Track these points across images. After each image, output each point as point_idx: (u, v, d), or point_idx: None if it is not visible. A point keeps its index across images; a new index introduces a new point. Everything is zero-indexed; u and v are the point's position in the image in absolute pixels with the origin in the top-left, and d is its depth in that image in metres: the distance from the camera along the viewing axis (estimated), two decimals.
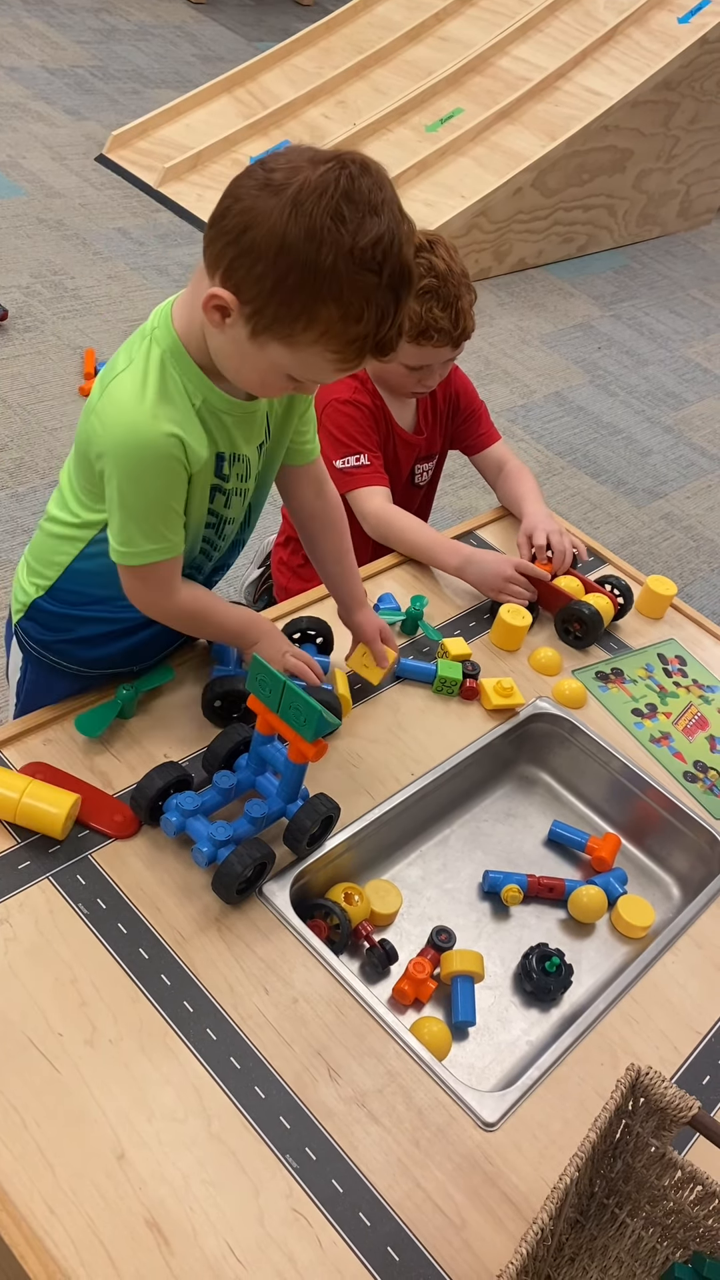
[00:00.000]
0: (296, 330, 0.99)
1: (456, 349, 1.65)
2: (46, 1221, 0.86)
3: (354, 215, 0.95)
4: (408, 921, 1.28)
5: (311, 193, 0.95)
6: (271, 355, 1.03)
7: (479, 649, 1.54)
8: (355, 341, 1.00)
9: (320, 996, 1.07)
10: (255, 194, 0.97)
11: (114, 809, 1.16)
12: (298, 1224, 0.91)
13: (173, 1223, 0.88)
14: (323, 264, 0.95)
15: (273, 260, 0.96)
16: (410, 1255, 0.91)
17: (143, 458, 1.08)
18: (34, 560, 1.28)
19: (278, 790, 1.17)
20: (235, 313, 1.00)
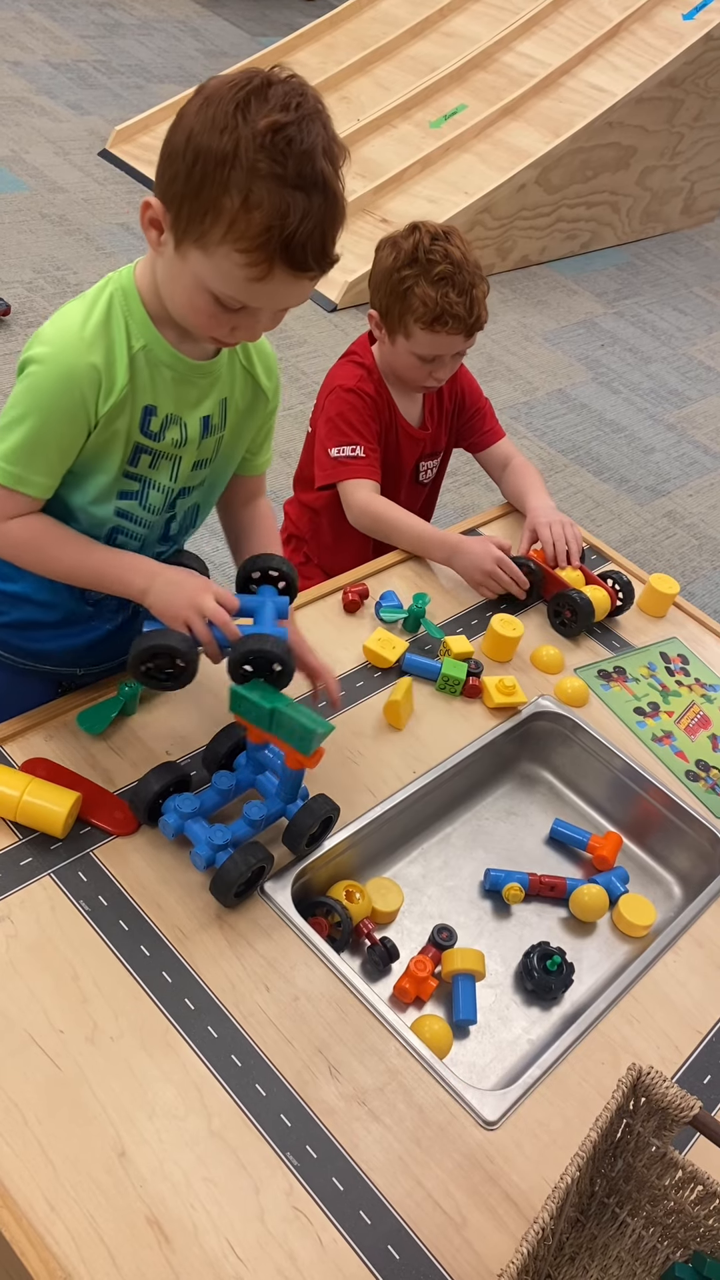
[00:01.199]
0: (206, 226, 0.97)
1: (469, 339, 1.65)
2: (47, 1218, 0.86)
3: (260, 108, 0.95)
4: (409, 919, 1.28)
5: (223, 87, 0.97)
6: (191, 265, 1.00)
7: (481, 648, 1.53)
8: (260, 235, 0.95)
9: (321, 994, 1.07)
10: (187, 102, 0.99)
11: (114, 806, 1.16)
12: (298, 1222, 0.91)
13: (173, 1220, 0.88)
14: (223, 149, 0.94)
15: (182, 155, 0.97)
16: (411, 1253, 0.91)
17: (55, 377, 1.06)
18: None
19: (276, 791, 1.17)
20: (163, 222, 1.01)
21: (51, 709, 1.25)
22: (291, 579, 1.20)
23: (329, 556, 1.83)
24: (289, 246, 0.96)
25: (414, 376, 1.69)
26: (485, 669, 1.49)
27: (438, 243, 1.59)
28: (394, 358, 1.69)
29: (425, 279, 1.58)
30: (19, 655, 1.29)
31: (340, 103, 4.25)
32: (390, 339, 1.67)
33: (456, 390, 1.83)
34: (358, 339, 1.80)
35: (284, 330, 3.39)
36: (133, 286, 1.10)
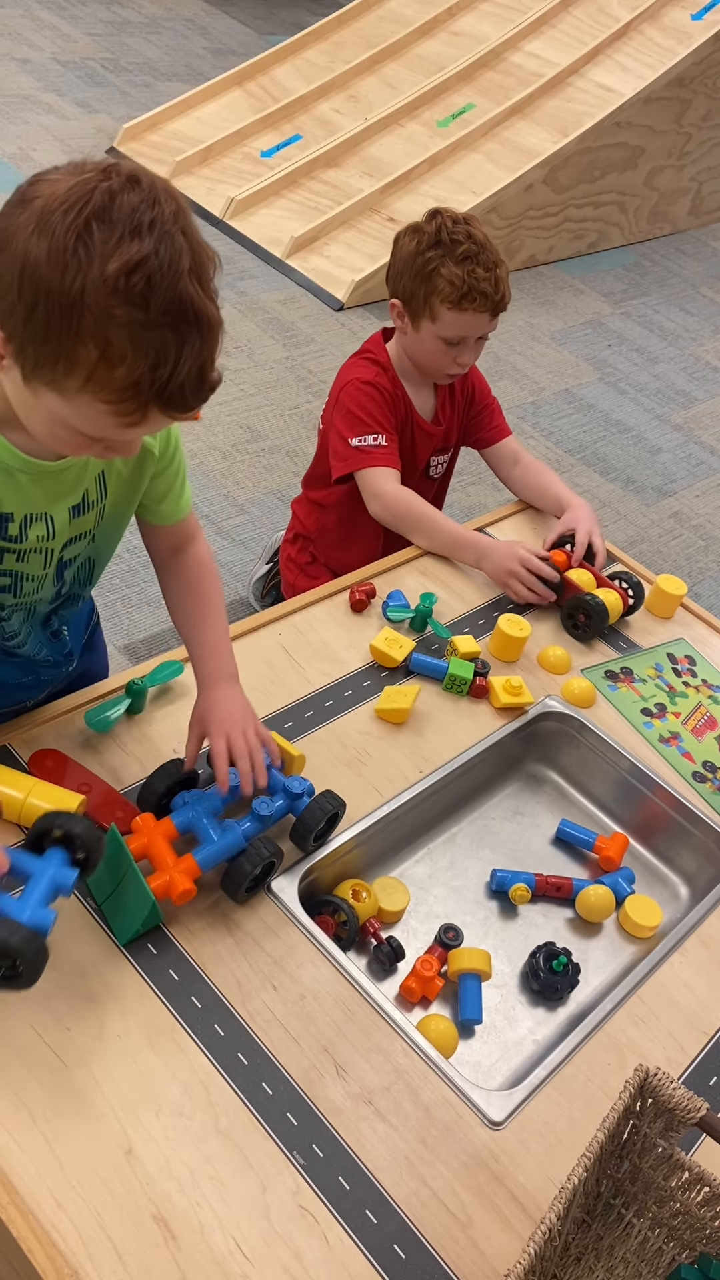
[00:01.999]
0: (59, 375, 0.83)
1: (494, 319, 1.65)
2: (54, 1215, 0.86)
3: (106, 236, 0.79)
4: (415, 919, 1.28)
5: (58, 208, 0.79)
6: (47, 403, 0.87)
7: (488, 648, 1.53)
8: (127, 389, 0.83)
9: (328, 993, 1.07)
10: (9, 211, 0.82)
11: (118, 805, 1.16)
12: (304, 1220, 0.91)
13: (179, 1218, 0.88)
14: (68, 294, 0.79)
15: (18, 288, 0.81)
16: (416, 1253, 0.91)
17: None
18: None
19: (283, 786, 1.16)
20: (6, 352, 0.85)
21: (58, 707, 1.25)
22: (92, 850, 0.97)
23: (337, 555, 1.83)
24: (164, 393, 0.84)
25: (438, 363, 1.69)
26: (492, 669, 1.49)
27: (459, 225, 1.61)
28: (417, 346, 1.69)
29: (450, 258, 1.59)
30: None
31: (348, 102, 4.25)
32: (414, 325, 1.67)
33: (468, 385, 1.83)
34: (370, 338, 1.80)
35: (290, 329, 3.39)
36: None
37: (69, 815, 0.98)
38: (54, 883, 0.96)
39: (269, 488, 2.71)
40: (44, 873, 0.95)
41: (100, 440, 0.90)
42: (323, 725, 1.33)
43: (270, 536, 2.34)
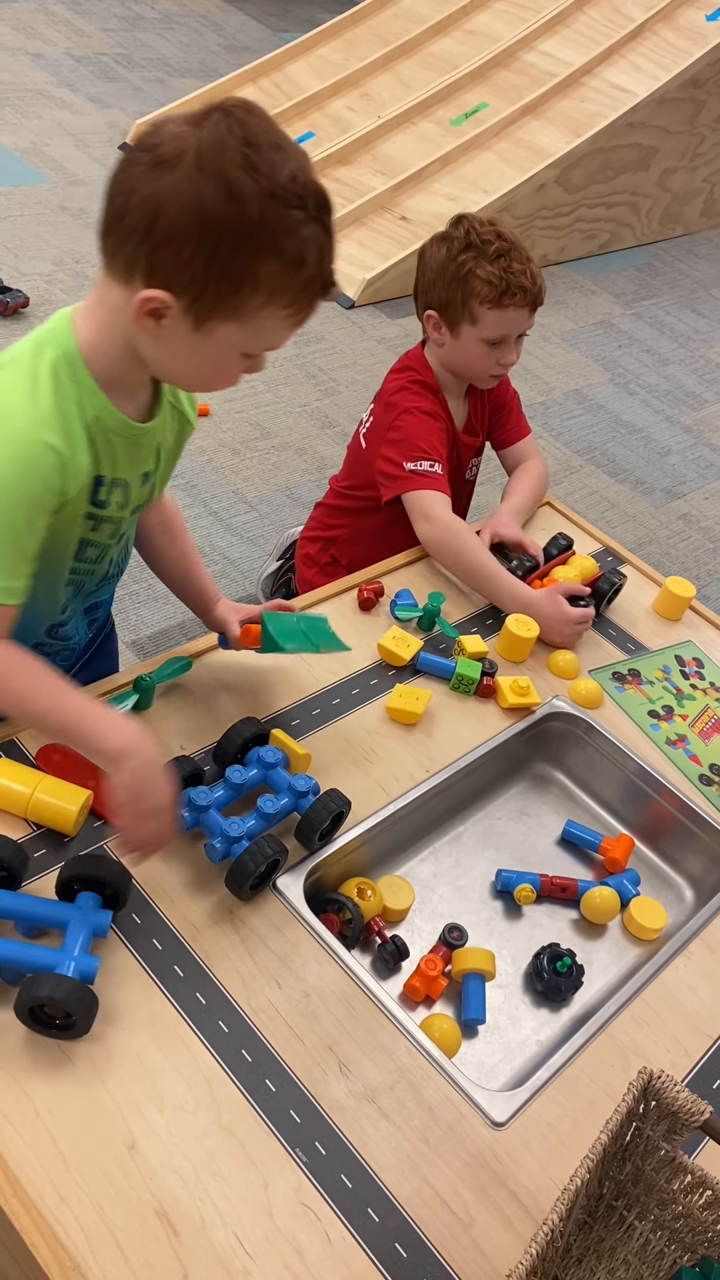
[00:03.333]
0: (243, 299, 0.93)
1: (532, 314, 1.66)
2: (57, 1209, 0.86)
3: (263, 159, 0.89)
4: (420, 918, 1.28)
5: (211, 151, 0.88)
6: (221, 338, 0.96)
7: (495, 648, 1.53)
8: (305, 287, 0.95)
9: (332, 991, 1.07)
10: (150, 178, 0.90)
11: None
12: (306, 1218, 0.91)
13: (182, 1213, 0.88)
14: (250, 218, 0.89)
15: (197, 236, 0.89)
16: (418, 1252, 0.91)
17: (13, 463, 0.96)
18: None
19: (289, 786, 1.17)
20: (173, 310, 0.93)
21: None
22: (121, 887, 1.02)
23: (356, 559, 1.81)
24: (325, 279, 0.96)
25: (481, 367, 1.70)
26: (500, 669, 1.49)
27: (487, 226, 1.62)
28: (458, 353, 1.69)
29: (484, 258, 1.60)
30: None
31: (361, 99, 4.25)
32: (454, 332, 1.67)
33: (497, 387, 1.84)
34: (407, 354, 1.78)
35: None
36: (77, 355, 1.00)
37: (89, 859, 1.03)
38: (91, 927, 0.99)
39: (278, 485, 2.71)
40: (80, 920, 0.99)
41: (259, 356, 1.01)
42: (329, 723, 1.33)
43: (280, 533, 2.34)
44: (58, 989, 0.91)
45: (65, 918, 1.00)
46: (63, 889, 1.03)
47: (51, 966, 0.95)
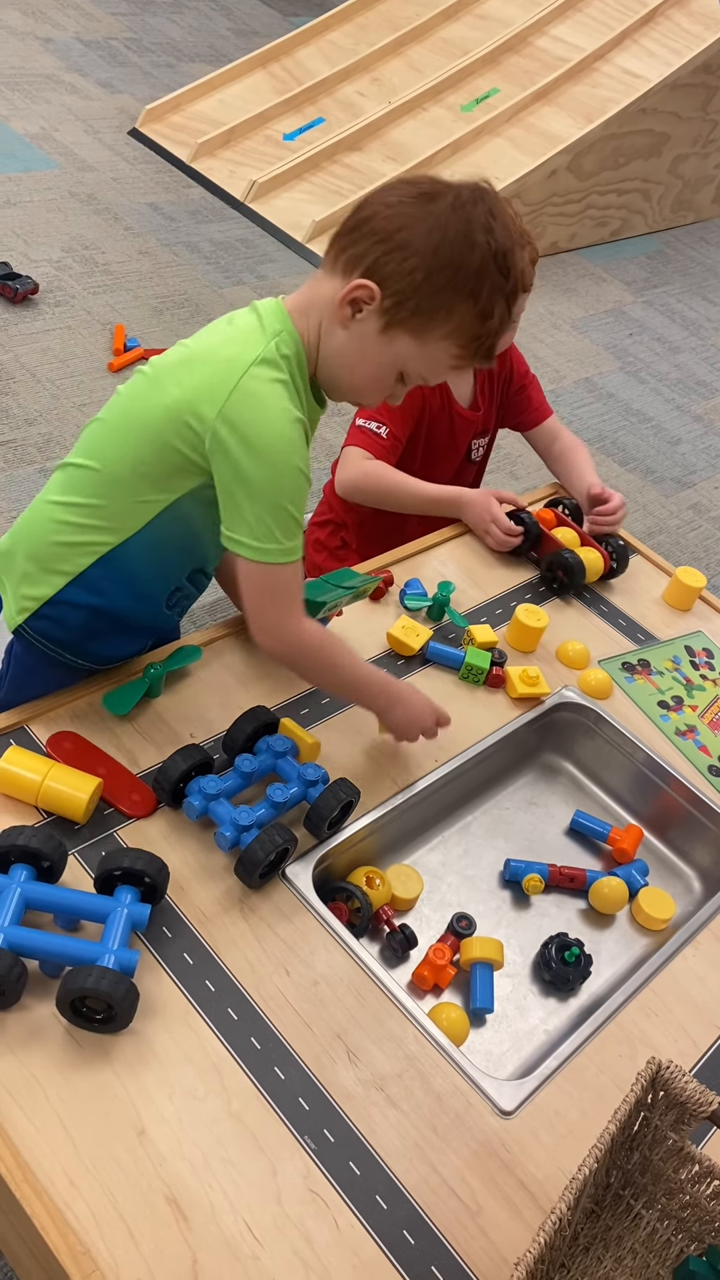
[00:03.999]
0: (434, 323, 1.07)
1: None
2: (67, 1194, 0.87)
3: (497, 228, 1.06)
4: (428, 907, 1.28)
5: (468, 201, 1.06)
6: (397, 348, 1.09)
7: (505, 638, 1.53)
8: (478, 339, 1.09)
9: (340, 979, 1.07)
10: (409, 201, 1.06)
11: (133, 788, 1.16)
12: (315, 1204, 0.91)
13: (191, 1199, 0.89)
14: (471, 264, 1.05)
15: (430, 254, 1.04)
16: (426, 1239, 0.92)
17: (291, 436, 1.07)
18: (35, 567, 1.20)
19: (298, 775, 1.17)
20: (375, 304, 1.06)
21: (77, 690, 1.25)
22: (159, 878, 1.04)
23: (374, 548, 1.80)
24: (490, 349, 1.11)
25: None
26: (509, 659, 1.49)
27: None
28: None
29: None
30: (68, 652, 1.25)
31: (372, 85, 4.22)
32: None
33: (505, 367, 1.83)
34: None
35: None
36: (303, 354, 1.12)
37: (126, 852, 1.04)
38: (131, 920, 1.00)
39: None
40: (119, 913, 1.00)
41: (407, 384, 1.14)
42: (339, 713, 1.33)
43: None
44: (101, 982, 0.92)
45: (105, 911, 1.00)
46: (102, 882, 1.04)
47: (92, 959, 0.96)
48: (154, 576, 1.22)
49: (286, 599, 1.12)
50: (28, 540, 1.21)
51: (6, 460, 2.45)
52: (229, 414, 1.05)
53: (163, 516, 1.15)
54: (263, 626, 1.13)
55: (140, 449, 1.12)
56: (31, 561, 1.20)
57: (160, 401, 1.11)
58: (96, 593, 1.19)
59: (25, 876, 1.01)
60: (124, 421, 1.15)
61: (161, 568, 1.22)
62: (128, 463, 1.14)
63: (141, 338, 2.98)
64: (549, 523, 1.68)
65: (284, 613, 1.12)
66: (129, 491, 1.14)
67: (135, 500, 1.14)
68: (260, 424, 1.06)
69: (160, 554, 1.19)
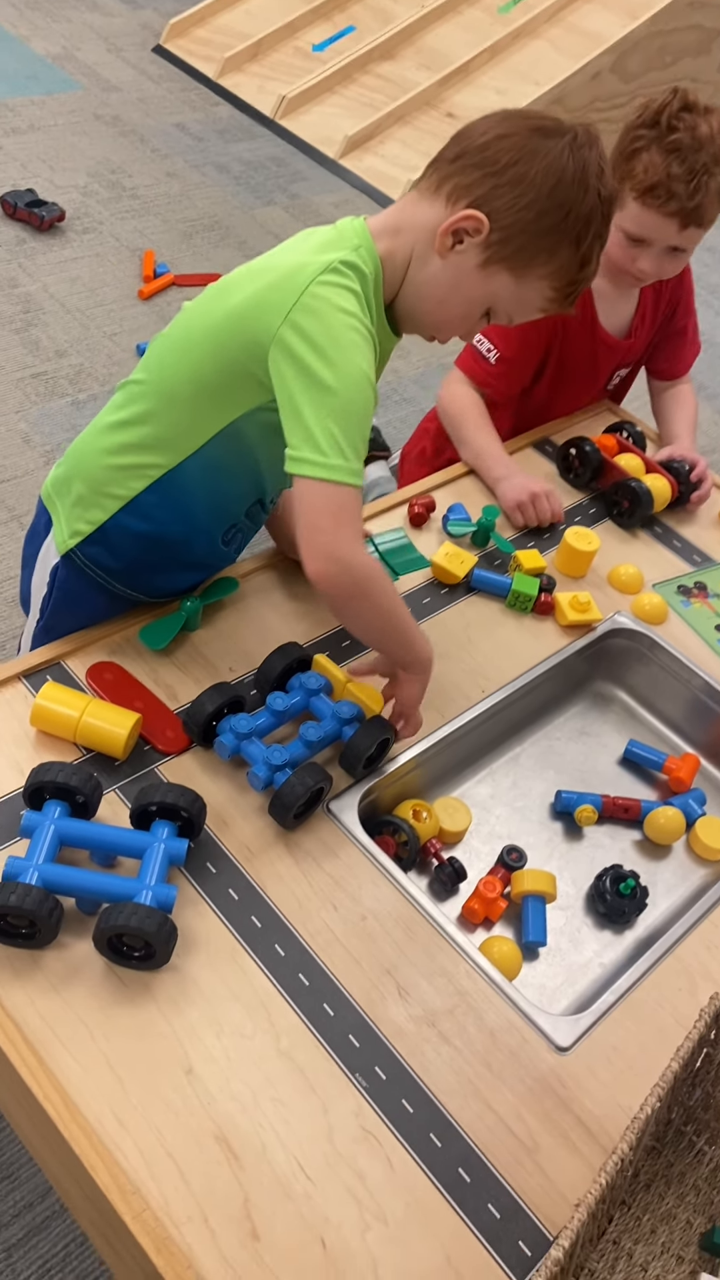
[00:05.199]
0: (535, 263, 1.04)
1: (684, 229, 1.46)
2: (116, 1133, 0.85)
3: (608, 179, 1.05)
4: (477, 840, 1.25)
5: (584, 144, 1.03)
6: (493, 285, 1.06)
7: (553, 562, 1.47)
8: (573, 284, 1.07)
9: (389, 914, 1.05)
10: (525, 134, 1.03)
11: (168, 723, 1.13)
12: (367, 1142, 0.89)
13: (241, 1138, 0.87)
14: (583, 208, 1.03)
15: (544, 194, 1.02)
16: (481, 1176, 0.90)
17: (358, 355, 1.01)
18: (88, 490, 1.16)
19: (332, 713, 1.13)
20: (481, 237, 1.03)
21: (114, 625, 1.22)
22: (195, 816, 1.01)
23: None
24: (575, 296, 1.09)
25: (618, 257, 1.52)
26: (558, 585, 1.43)
27: (688, 113, 1.43)
28: None
29: (658, 145, 1.42)
30: (118, 581, 1.21)
31: None
32: None
33: (670, 299, 1.70)
34: None
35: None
36: (380, 274, 1.07)
37: (161, 786, 1.00)
38: (168, 856, 0.98)
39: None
40: (155, 848, 0.97)
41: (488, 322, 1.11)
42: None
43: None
44: (135, 917, 0.90)
45: (141, 846, 0.98)
46: (138, 818, 1.01)
47: (129, 896, 0.93)
48: (210, 506, 1.17)
49: (350, 521, 1.02)
50: (81, 464, 1.18)
51: (39, 393, 2.40)
52: (296, 319, 0.99)
53: (220, 439, 1.10)
54: (319, 547, 1.01)
55: (201, 361, 1.08)
56: (85, 485, 1.17)
57: (224, 307, 1.06)
58: (150, 520, 1.16)
59: (59, 813, 0.98)
60: (186, 333, 1.11)
61: (218, 497, 1.17)
62: (186, 376, 1.09)
63: (171, 263, 2.90)
64: (610, 450, 1.59)
65: (346, 534, 1.01)
66: (185, 409, 1.10)
67: (191, 419, 1.10)
68: (329, 328, 0.99)
69: (217, 482, 1.14)
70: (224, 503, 1.19)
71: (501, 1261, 0.85)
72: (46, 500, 1.24)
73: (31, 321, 2.57)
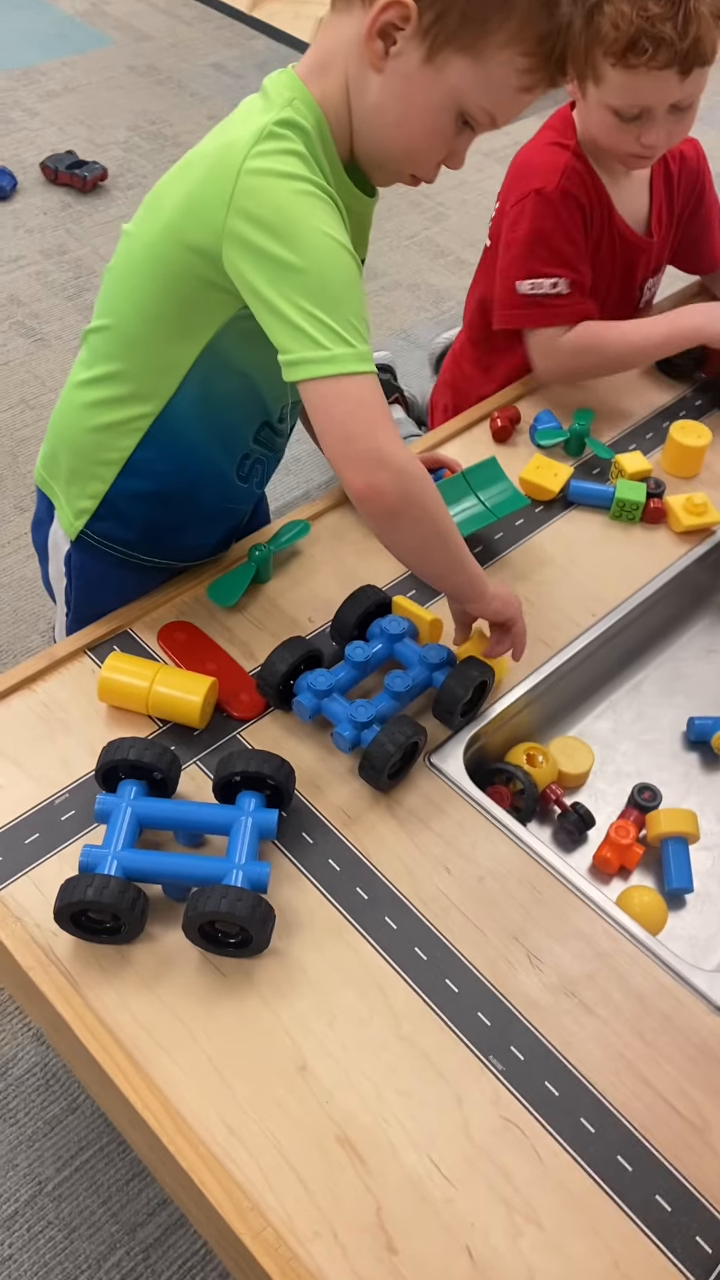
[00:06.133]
0: (489, 28, 0.83)
1: (685, 76, 1.17)
2: (227, 1143, 0.77)
3: None
4: (602, 781, 1.12)
5: None
6: (451, 77, 0.86)
7: (660, 464, 1.31)
8: (547, 39, 0.85)
9: (510, 873, 0.93)
10: None
11: (241, 686, 1.03)
12: (509, 1133, 0.79)
13: (366, 1138, 0.78)
14: None
15: None
16: (645, 1164, 0.78)
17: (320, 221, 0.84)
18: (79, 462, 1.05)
19: (420, 658, 1.01)
20: (410, 30, 0.84)
21: (180, 585, 1.13)
22: (283, 785, 0.91)
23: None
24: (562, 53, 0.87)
25: (615, 144, 1.26)
26: (668, 488, 1.27)
27: None
28: (588, 120, 1.27)
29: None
30: (140, 552, 1.11)
31: None
32: (581, 90, 1.25)
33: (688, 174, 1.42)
34: (558, 110, 1.37)
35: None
36: (324, 124, 0.89)
37: (243, 754, 0.91)
38: (258, 829, 0.88)
39: (393, 328, 2.49)
40: (242, 822, 0.88)
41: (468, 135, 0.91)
42: None
43: (400, 380, 2.14)
44: (226, 901, 0.80)
45: (227, 822, 0.89)
46: (221, 791, 0.92)
47: (218, 878, 0.84)
48: (213, 445, 1.04)
49: (374, 416, 0.85)
50: (64, 434, 1.07)
51: None
52: (239, 204, 0.84)
53: (200, 367, 0.97)
54: (361, 456, 0.84)
55: (149, 289, 0.94)
56: (75, 457, 1.06)
57: (160, 221, 0.92)
58: (153, 477, 1.04)
59: (135, 793, 0.89)
60: (128, 261, 0.97)
61: (218, 432, 1.04)
62: (139, 311, 0.96)
63: None
64: None
65: (383, 431, 0.84)
66: (150, 347, 0.97)
67: (161, 356, 0.97)
68: (277, 203, 0.84)
69: (211, 416, 1.01)
70: (227, 436, 1.05)
71: (678, 1262, 0.74)
72: (42, 484, 1.13)
73: (84, 286, 2.49)
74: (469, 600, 0.99)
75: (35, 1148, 1.23)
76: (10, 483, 2.04)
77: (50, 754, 0.98)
